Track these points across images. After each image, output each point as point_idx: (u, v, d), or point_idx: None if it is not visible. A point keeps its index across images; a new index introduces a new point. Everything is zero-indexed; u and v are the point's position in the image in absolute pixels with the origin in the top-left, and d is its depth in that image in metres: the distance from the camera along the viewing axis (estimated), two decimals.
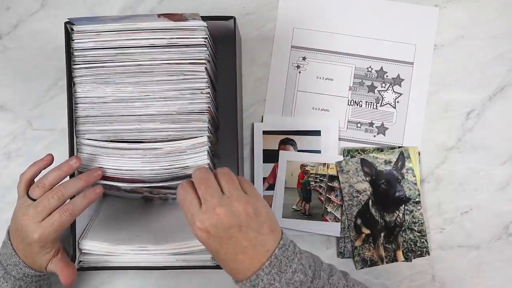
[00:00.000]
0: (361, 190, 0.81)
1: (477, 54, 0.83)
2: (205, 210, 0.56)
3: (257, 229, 0.57)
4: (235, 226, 0.56)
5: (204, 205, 0.57)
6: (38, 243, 0.65)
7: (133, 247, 0.70)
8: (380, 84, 0.83)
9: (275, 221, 0.59)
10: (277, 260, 0.57)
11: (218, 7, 0.83)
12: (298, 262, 0.57)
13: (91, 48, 0.68)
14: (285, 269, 0.57)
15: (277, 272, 0.56)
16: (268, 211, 0.59)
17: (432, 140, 0.82)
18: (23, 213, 0.65)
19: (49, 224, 0.64)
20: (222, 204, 0.56)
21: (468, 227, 0.82)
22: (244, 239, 0.56)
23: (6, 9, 0.84)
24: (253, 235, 0.57)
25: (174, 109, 0.68)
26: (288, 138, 0.82)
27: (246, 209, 0.56)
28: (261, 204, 0.58)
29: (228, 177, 0.59)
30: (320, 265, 0.60)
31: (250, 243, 0.57)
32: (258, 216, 0.57)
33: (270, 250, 0.57)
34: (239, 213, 0.56)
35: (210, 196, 0.57)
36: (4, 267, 0.68)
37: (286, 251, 0.58)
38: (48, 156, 0.69)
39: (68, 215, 0.65)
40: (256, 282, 0.56)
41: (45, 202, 0.64)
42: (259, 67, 0.83)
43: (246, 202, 0.57)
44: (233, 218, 0.56)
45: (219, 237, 0.56)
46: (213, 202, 0.56)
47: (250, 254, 0.57)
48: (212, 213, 0.56)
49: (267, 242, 0.57)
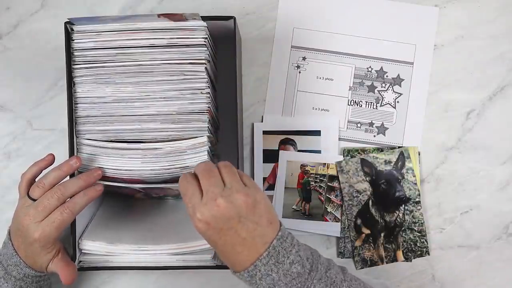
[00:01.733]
0: (361, 190, 0.81)
1: (477, 54, 0.83)
2: (206, 201, 0.56)
3: (256, 220, 0.57)
4: (235, 218, 0.56)
5: (205, 196, 0.57)
6: (39, 242, 0.65)
7: (133, 247, 0.70)
8: (380, 84, 0.83)
9: (274, 213, 0.60)
10: (275, 251, 0.57)
11: (218, 7, 0.83)
12: (296, 253, 0.58)
13: (91, 48, 0.68)
14: (283, 260, 0.57)
15: (275, 263, 0.57)
16: (267, 203, 0.59)
17: (432, 140, 0.82)
18: (24, 213, 0.65)
19: (50, 223, 0.64)
20: (223, 195, 0.56)
21: (468, 227, 0.82)
22: (243, 231, 0.57)
23: (6, 9, 0.84)
24: (252, 227, 0.57)
25: (174, 109, 0.68)
26: (288, 138, 0.82)
27: (246, 200, 0.57)
28: (260, 196, 0.59)
29: (229, 170, 0.59)
30: (318, 258, 0.60)
31: (249, 234, 0.57)
32: (257, 208, 0.57)
33: (268, 241, 0.57)
34: (239, 204, 0.56)
35: (213, 187, 0.57)
36: (4, 268, 0.68)
37: (284, 243, 0.58)
38: (49, 156, 0.69)
39: (69, 213, 0.65)
40: (254, 272, 0.57)
41: (45, 202, 0.64)
42: (259, 67, 0.83)
43: (246, 194, 0.57)
44: (233, 210, 0.56)
45: (218, 228, 0.56)
46: (215, 193, 0.57)
47: (248, 245, 0.57)
48: (213, 204, 0.56)
49: (266, 234, 0.58)
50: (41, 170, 0.69)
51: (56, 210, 0.65)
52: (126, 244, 0.70)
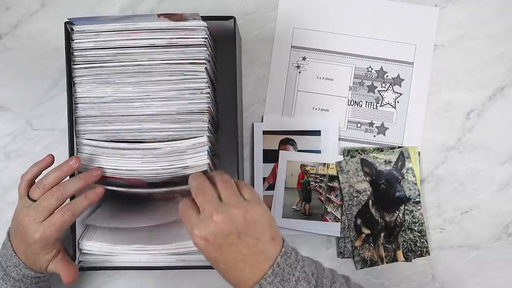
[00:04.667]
0: (361, 190, 0.81)
1: (477, 54, 0.83)
2: (203, 218, 0.55)
3: (257, 236, 0.56)
4: (234, 233, 0.55)
5: (202, 213, 0.56)
6: (40, 243, 0.65)
7: (133, 247, 0.70)
8: (380, 84, 0.83)
9: (276, 228, 0.58)
10: (280, 269, 0.55)
11: (218, 7, 0.83)
12: (301, 270, 0.56)
13: (91, 48, 0.68)
14: (288, 277, 0.55)
15: (280, 281, 0.55)
16: (269, 218, 0.57)
17: (432, 140, 0.82)
18: (24, 214, 0.65)
19: (51, 224, 0.64)
20: (220, 211, 0.55)
21: (468, 227, 0.82)
22: (243, 247, 0.55)
23: (6, 9, 0.84)
24: (252, 243, 0.55)
25: (174, 109, 0.68)
26: (288, 138, 0.82)
27: (245, 216, 0.55)
28: (261, 211, 0.57)
29: (226, 184, 0.58)
30: (322, 271, 0.58)
31: (250, 250, 0.55)
32: (258, 223, 0.56)
33: (272, 258, 0.56)
34: (237, 220, 0.55)
35: (207, 204, 0.56)
36: (3, 269, 0.68)
37: (289, 259, 0.56)
38: (48, 156, 0.69)
39: (70, 215, 0.65)
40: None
41: (45, 203, 0.64)
42: (259, 67, 0.83)
43: (245, 209, 0.55)
44: (231, 225, 0.55)
45: (218, 244, 0.55)
46: (211, 209, 0.55)
47: (250, 262, 0.55)
48: (210, 220, 0.55)
49: (268, 250, 0.56)
50: (40, 171, 0.69)
51: (57, 212, 0.65)
52: (126, 244, 0.70)
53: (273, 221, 0.58)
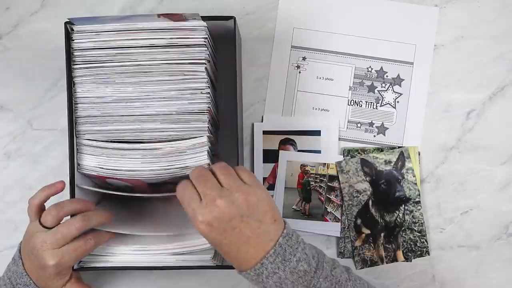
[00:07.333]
0: (361, 190, 0.81)
1: (477, 54, 0.83)
2: (206, 204, 0.56)
3: (260, 218, 0.57)
4: (237, 217, 0.56)
5: (204, 199, 0.57)
6: (55, 268, 0.65)
7: (133, 247, 0.70)
8: (380, 84, 0.83)
9: (277, 210, 0.60)
10: (281, 249, 0.57)
11: (218, 7, 0.83)
12: (302, 251, 0.58)
13: (91, 48, 0.68)
14: (289, 257, 0.57)
15: (282, 261, 0.57)
16: (270, 201, 0.59)
17: (432, 140, 0.82)
18: (40, 240, 0.64)
19: (71, 250, 0.64)
20: (222, 196, 0.56)
21: (468, 227, 0.82)
22: (247, 229, 0.57)
23: (6, 9, 0.84)
24: (255, 225, 0.57)
25: (174, 109, 0.68)
26: (288, 138, 0.82)
27: (247, 199, 0.57)
28: (262, 193, 0.58)
29: (225, 171, 0.59)
30: (323, 257, 0.60)
31: (253, 233, 0.57)
32: (259, 205, 0.57)
33: (274, 239, 0.57)
34: (240, 203, 0.56)
35: (209, 190, 0.57)
36: (13, 286, 0.67)
37: (290, 240, 0.58)
38: (59, 183, 0.68)
39: (92, 244, 0.66)
40: (261, 270, 0.57)
41: (64, 231, 0.64)
42: (259, 67, 0.83)
43: (247, 192, 0.57)
44: (234, 209, 0.56)
45: (221, 228, 0.56)
46: (213, 195, 0.56)
47: (253, 244, 0.57)
48: (213, 205, 0.56)
49: (270, 232, 0.57)
50: (49, 197, 0.68)
51: (80, 239, 0.65)
52: (126, 244, 0.70)
53: (274, 203, 0.60)
